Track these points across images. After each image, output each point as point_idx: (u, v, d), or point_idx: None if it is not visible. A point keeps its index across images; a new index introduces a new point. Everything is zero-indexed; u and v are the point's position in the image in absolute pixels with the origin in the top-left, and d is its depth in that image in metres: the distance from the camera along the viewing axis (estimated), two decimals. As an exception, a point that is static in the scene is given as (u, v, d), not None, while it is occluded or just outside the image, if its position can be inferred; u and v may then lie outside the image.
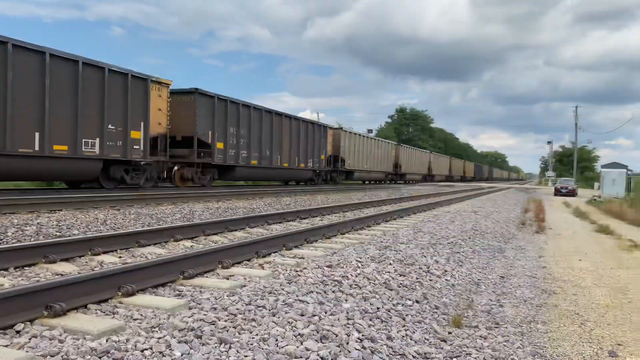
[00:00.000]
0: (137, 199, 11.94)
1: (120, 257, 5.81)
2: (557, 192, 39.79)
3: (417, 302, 4.85)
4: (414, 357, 3.55)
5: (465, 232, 10.03)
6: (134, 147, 15.29)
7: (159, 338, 3.02)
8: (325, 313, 3.82)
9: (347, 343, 3.33)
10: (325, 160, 29.28)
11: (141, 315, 3.53)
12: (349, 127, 35.43)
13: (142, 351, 2.84)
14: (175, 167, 18.03)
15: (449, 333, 4.32)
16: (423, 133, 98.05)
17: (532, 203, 24.57)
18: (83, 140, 13.60)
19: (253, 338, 3.17)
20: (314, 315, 3.68)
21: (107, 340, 2.94)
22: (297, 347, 3.10)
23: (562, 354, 4.18)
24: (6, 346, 2.89)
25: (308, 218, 10.80)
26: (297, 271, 5.05)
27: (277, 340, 3.18)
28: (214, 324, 3.29)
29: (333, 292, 4.43)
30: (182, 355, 2.83)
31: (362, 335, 3.54)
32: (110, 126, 14.44)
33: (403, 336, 3.87)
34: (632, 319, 5.34)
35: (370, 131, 47.64)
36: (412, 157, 48.99)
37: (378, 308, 4.26)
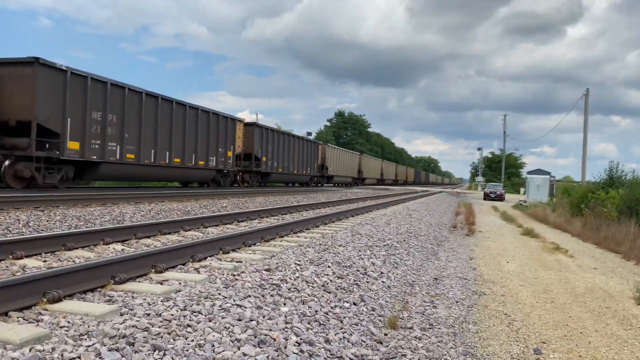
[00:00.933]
0: (63, 199, 11.36)
1: (45, 261, 5.49)
2: (486, 197, 41.59)
3: (354, 304, 4.90)
4: (351, 359, 3.58)
5: (401, 235, 10.27)
6: (228, 161, 24.29)
7: (88, 346, 2.87)
8: (263, 317, 3.78)
9: (285, 347, 3.31)
10: (317, 168, 39.30)
11: (68, 322, 3.34)
12: (332, 144, 47.37)
13: (69, 361, 2.68)
14: (239, 173, 26.93)
15: (385, 335, 4.39)
16: (360, 137, 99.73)
17: (463, 207, 25.54)
18: (209, 157, 22.38)
19: (188, 344, 3.08)
20: (251, 320, 3.63)
21: (30, 350, 2.76)
22: (234, 353, 3.04)
23: (492, 353, 4.35)
24: None
25: (246, 221, 10.68)
26: (234, 275, 4.97)
27: (213, 346, 3.10)
28: (147, 331, 3.16)
29: (271, 295, 4.39)
30: (112, 364, 2.70)
31: (300, 338, 3.52)
32: (220, 149, 23.25)
33: (341, 339, 3.89)
34: (555, 317, 5.65)
35: (309, 134, 48.52)
36: (370, 165, 59.01)
37: (316, 311, 4.26)
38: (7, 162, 13.49)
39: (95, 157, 15.59)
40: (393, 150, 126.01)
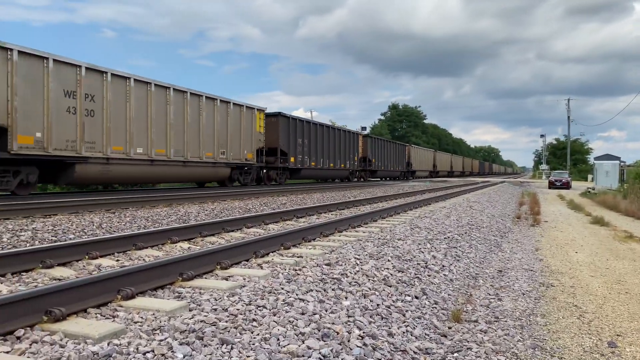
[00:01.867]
0: (132, 201, 11.91)
1: (117, 260, 5.79)
2: (552, 185, 39.95)
3: (416, 297, 4.87)
4: (415, 352, 3.56)
5: (462, 227, 10.06)
6: (355, 163, 35.47)
7: (161, 340, 3.01)
8: (326, 311, 3.82)
9: (349, 340, 3.34)
10: (405, 165, 50.07)
11: (141, 318, 3.52)
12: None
13: (144, 354, 2.82)
14: (360, 172, 37.59)
15: (449, 328, 4.34)
16: (416, 129, 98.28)
17: (527, 196, 24.68)
18: (346, 162, 33.61)
19: (255, 338, 3.17)
20: (314, 314, 3.68)
21: (108, 344, 2.93)
22: (299, 346, 3.10)
23: (562, 345, 4.20)
24: (7, 352, 2.87)
25: (304, 217, 10.80)
26: (296, 270, 5.05)
27: (278, 339, 3.18)
28: (215, 325, 3.28)
29: (333, 290, 4.43)
30: (184, 357, 2.82)
31: (363, 332, 3.54)
32: (350, 155, 34.51)
33: (404, 332, 3.88)
34: (630, 309, 5.38)
35: (364, 129, 48.86)
36: (442, 159, 68.00)
37: (378, 305, 4.27)
38: (264, 170, 24.83)
39: (299, 165, 27.23)
40: (451, 141, 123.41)
